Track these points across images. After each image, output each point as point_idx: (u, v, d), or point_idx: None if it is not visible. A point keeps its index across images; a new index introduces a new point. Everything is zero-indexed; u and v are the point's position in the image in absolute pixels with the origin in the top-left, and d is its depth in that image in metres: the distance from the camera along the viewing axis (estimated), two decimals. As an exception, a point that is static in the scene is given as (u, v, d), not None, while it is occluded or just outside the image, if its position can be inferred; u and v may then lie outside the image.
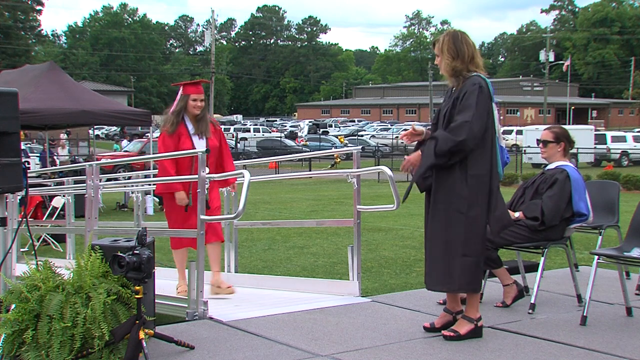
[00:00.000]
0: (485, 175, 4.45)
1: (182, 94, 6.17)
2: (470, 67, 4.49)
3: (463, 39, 4.52)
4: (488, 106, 4.44)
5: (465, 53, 4.49)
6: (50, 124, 16.80)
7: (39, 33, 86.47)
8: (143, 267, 3.97)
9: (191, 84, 6.28)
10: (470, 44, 4.52)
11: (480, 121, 4.36)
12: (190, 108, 6.13)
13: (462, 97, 4.41)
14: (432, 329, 4.68)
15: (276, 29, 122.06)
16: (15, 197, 7.70)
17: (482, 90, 4.39)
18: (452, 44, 4.51)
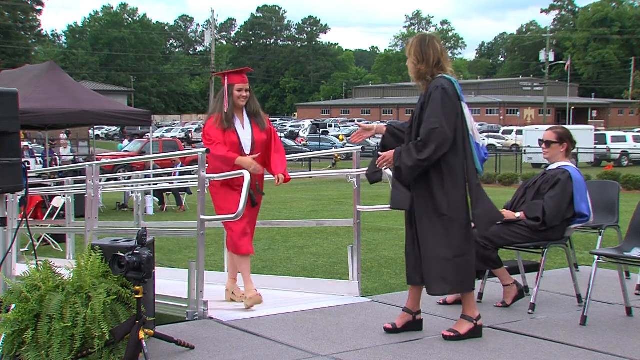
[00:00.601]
0: (460, 174, 4.46)
1: (228, 84, 5.66)
2: (435, 70, 4.52)
3: (430, 43, 4.57)
4: (455, 106, 4.44)
5: (430, 57, 4.52)
6: (50, 124, 16.82)
7: (39, 33, 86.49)
8: (143, 267, 3.97)
9: (235, 72, 5.75)
10: (437, 48, 4.56)
11: (449, 124, 4.37)
12: (235, 99, 5.64)
13: (428, 101, 4.44)
14: (394, 330, 4.69)
15: (276, 29, 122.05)
16: (15, 197, 7.70)
17: (446, 91, 4.42)
18: (419, 47, 4.56)
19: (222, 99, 5.63)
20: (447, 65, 4.57)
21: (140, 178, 10.63)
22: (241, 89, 5.63)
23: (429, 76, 4.52)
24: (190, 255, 8.75)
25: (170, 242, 10.53)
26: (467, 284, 4.50)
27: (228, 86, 5.61)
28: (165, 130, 62.10)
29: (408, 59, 4.63)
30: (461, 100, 4.50)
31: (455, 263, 4.43)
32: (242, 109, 5.67)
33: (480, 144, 4.60)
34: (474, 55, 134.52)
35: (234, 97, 5.60)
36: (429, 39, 4.60)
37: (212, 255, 8.97)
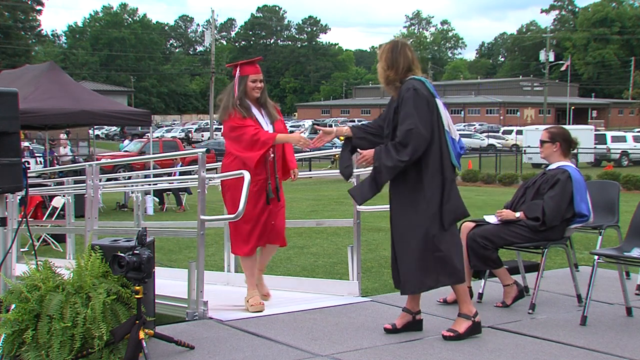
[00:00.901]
0: (437, 169, 4.48)
1: (240, 76, 5.38)
2: (403, 77, 4.56)
3: (402, 50, 4.61)
4: (429, 104, 4.46)
5: (400, 64, 4.57)
6: (50, 124, 16.83)
7: (39, 33, 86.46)
8: (143, 267, 3.97)
9: (248, 63, 5.46)
10: (407, 55, 4.60)
11: (424, 123, 4.39)
12: (250, 90, 5.37)
13: (401, 104, 4.47)
14: (394, 330, 4.69)
15: (276, 29, 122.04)
16: (15, 197, 7.70)
17: (417, 91, 4.45)
18: (390, 53, 4.61)
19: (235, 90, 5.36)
20: (417, 70, 4.62)
21: (140, 178, 10.62)
22: (255, 80, 5.38)
23: (397, 82, 4.58)
24: (190, 255, 8.75)
25: (170, 242, 10.54)
26: (454, 276, 4.49)
27: (241, 77, 5.37)
28: (165, 130, 62.11)
29: (378, 62, 4.68)
30: (435, 97, 4.53)
31: (440, 257, 4.44)
32: (256, 100, 5.43)
33: (456, 139, 4.62)
34: (474, 55, 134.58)
35: (248, 88, 5.36)
36: (401, 46, 4.65)
37: (212, 255, 8.97)
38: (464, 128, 60.26)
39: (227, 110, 5.33)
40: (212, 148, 34.15)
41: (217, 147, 37.66)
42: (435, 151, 4.47)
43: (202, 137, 53.95)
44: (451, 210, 4.51)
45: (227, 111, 5.33)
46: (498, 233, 5.24)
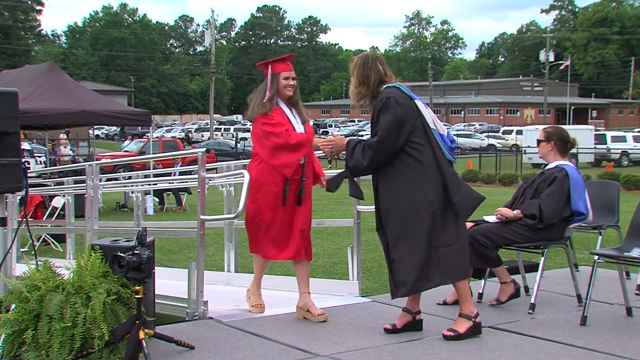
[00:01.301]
0: (431, 167, 4.47)
1: (272, 74, 5.08)
2: (376, 90, 4.58)
3: (372, 65, 4.61)
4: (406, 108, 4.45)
5: (371, 79, 4.59)
6: (50, 124, 16.83)
7: (39, 33, 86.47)
8: (143, 267, 3.97)
9: (279, 60, 5.16)
10: (379, 70, 4.59)
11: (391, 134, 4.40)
12: (282, 89, 5.06)
13: (375, 114, 4.51)
14: (394, 330, 4.68)
15: (276, 29, 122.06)
16: (15, 197, 7.70)
17: (390, 100, 4.46)
18: (361, 69, 4.64)
19: (265, 89, 5.07)
20: (390, 79, 4.62)
21: (140, 178, 10.62)
22: (288, 77, 5.07)
23: (369, 98, 4.62)
24: (190, 255, 8.75)
25: (170, 242, 10.54)
26: (465, 270, 4.50)
27: (273, 75, 5.06)
28: (165, 130, 62.11)
29: (351, 78, 4.72)
30: (413, 99, 4.52)
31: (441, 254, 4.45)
32: (287, 100, 5.11)
33: (445, 134, 4.61)
34: (474, 55, 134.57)
35: (279, 86, 5.05)
36: (372, 61, 4.64)
37: (212, 255, 8.97)
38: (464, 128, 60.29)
39: (257, 109, 5.03)
40: (212, 148, 34.19)
41: (217, 147, 37.76)
42: (428, 151, 4.47)
43: (202, 137, 53.95)
44: (463, 202, 4.49)
45: (257, 110, 5.03)
46: (498, 232, 5.24)
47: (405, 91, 4.53)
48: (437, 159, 4.49)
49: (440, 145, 4.52)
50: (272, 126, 4.95)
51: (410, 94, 4.54)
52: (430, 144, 4.49)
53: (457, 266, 4.50)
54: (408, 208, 4.48)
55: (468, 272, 4.62)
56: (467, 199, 4.52)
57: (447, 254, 4.47)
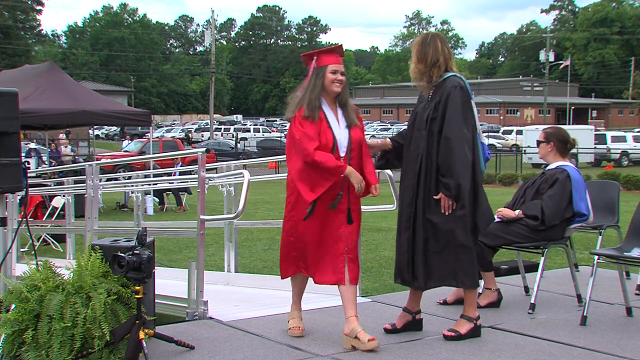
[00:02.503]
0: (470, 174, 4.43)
1: (317, 67, 4.42)
2: (434, 70, 4.47)
3: (431, 42, 4.52)
4: (470, 105, 4.45)
5: (429, 56, 4.48)
6: (50, 124, 16.83)
7: (39, 33, 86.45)
8: (143, 267, 3.97)
9: (327, 51, 4.50)
10: (437, 47, 4.48)
11: (467, 125, 4.36)
12: (329, 84, 4.39)
13: (445, 101, 4.40)
14: (394, 330, 4.68)
15: (276, 29, 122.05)
16: (15, 197, 7.70)
17: (463, 90, 4.41)
18: (420, 46, 4.53)
19: (310, 84, 4.42)
20: (451, 64, 4.52)
21: (140, 178, 10.62)
22: (336, 71, 4.41)
23: (426, 76, 4.49)
24: (190, 255, 8.75)
25: (170, 242, 10.53)
26: (475, 279, 4.51)
27: (318, 69, 4.40)
28: (165, 130, 62.11)
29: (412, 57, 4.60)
30: (471, 99, 4.49)
31: (462, 259, 4.43)
32: (334, 98, 4.47)
33: (485, 143, 4.62)
34: (474, 55, 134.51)
35: (326, 81, 4.39)
36: (430, 38, 4.54)
37: (212, 255, 8.97)
38: (464, 128, 60.14)
39: (294, 108, 4.40)
40: (212, 148, 34.17)
41: (217, 147, 37.74)
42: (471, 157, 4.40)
43: (202, 137, 53.94)
44: (484, 215, 4.51)
45: (293, 109, 4.40)
46: (498, 232, 5.24)
47: (468, 88, 4.48)
48: (474, 165, 4.42)
49: (480, 152, 4.49)
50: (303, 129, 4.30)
51: (470, 92, 4.50)
52: (473, 149, 4.42)
53: (474, 273, 4.49)
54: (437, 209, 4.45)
55: (477, 281, 4.62)
56: (488, 212, 4.55)
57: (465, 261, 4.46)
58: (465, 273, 4.43)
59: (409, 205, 4.56)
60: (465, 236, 4.40)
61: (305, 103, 4.36)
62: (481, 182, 4.52)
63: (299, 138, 4.29)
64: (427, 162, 4.46)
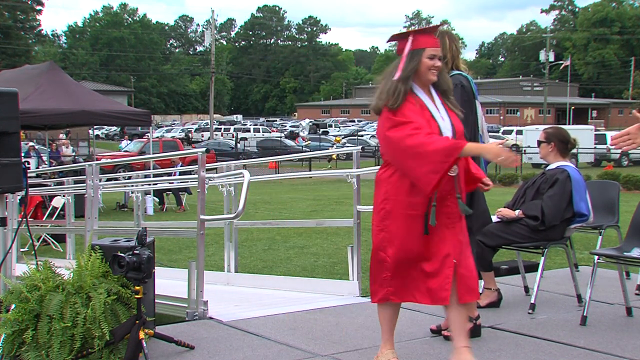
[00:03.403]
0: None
1: (411, 50, 3.76)
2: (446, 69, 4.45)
3: (439, 39, 4.43)
4: (470, 104, 4.42)
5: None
6: (50, 124, 16.82)
7: (39, 33, 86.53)
8: (143, 267, 3.97)
9: (424, 31, 3.87)
10: (445, 44, 4.44)
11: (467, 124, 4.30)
12: (424, 72, 3.77)
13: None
14: (439, 331, 4.65)
15: (276, 29, 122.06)
16: (15, 197, 7.70)
17: (464, 88, 4.38)
18: None
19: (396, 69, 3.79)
20: (459, 62, 4.50)
21: (140, 178, 10.62)
22: (434, 56, 3.79)
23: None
24: (190, 255, 8.75)
25: (170, 242, 10.53)
26: None
27: (414, 52, 3.76)
28: (165, 130, 62.12)
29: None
30: (476, 98, 4.47)
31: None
32: (429, 87, 3.85)
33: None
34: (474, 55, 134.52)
35: (422, 67, 3.76)
36: (439, 35, 4.50)
37: (212, 255, 8.97)
38: (464, 128, 60.13)
39: (385, 98, 3.76)
40: (212, 148, 34.19)
41: (217, 147, 37.75)
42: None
43: (202, 137, 53.96)
44: (480, 217, 4.47)
45: (384, 99, 3.76)
46: (498, 232, 5.24)
47: (472, 87, 4.43)
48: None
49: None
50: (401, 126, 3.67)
51: (475, 91, 4.46)
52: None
53: None
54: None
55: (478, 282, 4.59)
56: (484, 213, 4.51)
57: None
58: None
59: None
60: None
61: (395, 92, 3.73)
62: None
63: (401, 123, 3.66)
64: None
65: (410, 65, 3.76)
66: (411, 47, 3.78)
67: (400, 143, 3.64)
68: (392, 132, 3.68)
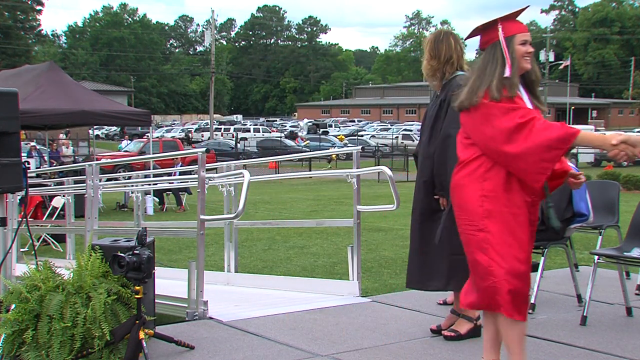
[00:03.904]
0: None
1: (505, 37, 3.49)
2: (447, 68, 4.46)
3: (444, 38, 4.49)
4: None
5: (442, 52, 4.45)
6: (50, 124, 16.82)
7: (38, 33, 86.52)
8: (143, 267, 3.97)
9: (509, 18, 3.57)
10: (450, 44, 4.45)
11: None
12: (519, 58, 3.49)
13: (449, 99, 4.34)
14: (439, 331, 4.65)
15: (276, 29, 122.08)
16: (15, 197, 7.70)
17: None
18: (433, 43, 4.50)
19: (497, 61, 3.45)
20: (464, 63, 4.50)
21: (140, 178, 10.63)
22: (526, 42, 3.56)
23: (439, 73, 4.48)
24: (190, 255, 8.75)
25: (170, 242, 10.53)
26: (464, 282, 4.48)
27: (507, 40, 3.49)
28: (165, 130, 62.12)
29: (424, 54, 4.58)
30: None
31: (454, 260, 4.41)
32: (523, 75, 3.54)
33: None
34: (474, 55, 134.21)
35: (516, 55, 3.49)
36: (444, 35, 4.52)
37: (212, 255, 8.97)
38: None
39: (480, 91, 3.40)
40: (212, 148, 34.19)
41: (217, 147, 37.74)
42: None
43: (202, 137, 53.97)
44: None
45: (479, 92, 3.40)
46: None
47: None
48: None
49: None
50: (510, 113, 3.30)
51: None
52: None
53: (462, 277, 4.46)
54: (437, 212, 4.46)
55: None
56: None
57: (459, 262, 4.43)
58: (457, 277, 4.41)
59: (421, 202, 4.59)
60: (451, 237, 4.35)
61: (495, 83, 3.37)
62: None
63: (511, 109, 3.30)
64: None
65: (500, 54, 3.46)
66: (505, 34, 3.50)
67: (508, 133, 3.26)
68: (500, 122, 3.29)
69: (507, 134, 3.26)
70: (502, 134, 3.28)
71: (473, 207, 3.41)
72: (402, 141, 44.71)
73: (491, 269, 3.37)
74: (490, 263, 3.37)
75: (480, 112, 3.39)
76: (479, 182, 3.39)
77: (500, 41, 3.47)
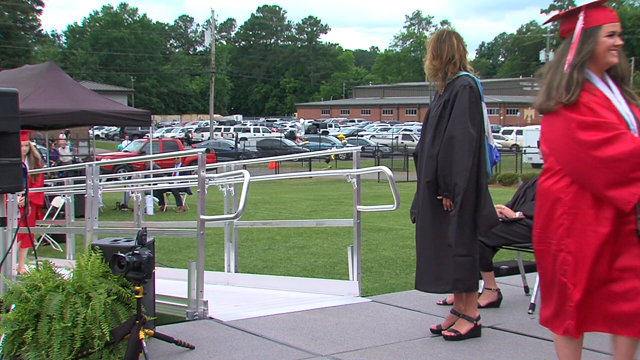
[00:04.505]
0: (473, 176, 4.38)
1: (584, 29, 3.13)
2: (450, 67, 4.44)
3: (447, 38, 4.48)
4: (479, 106, 4.43)
5: (444, 52, 4.44)
6: (50, 124, 16.81)
7: (38, 33, 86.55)
8: (143, 267, 3.97)
9: (597, 5, 3.19)
10: (453, 44, 4.45)
11: (473, 124, 4.34)
12: (602, 52, 3.16)
13: (454, 99, 4.39)
14: (439, 331, 4.65)
15: (276, 29, 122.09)
16: (15, 197, 7.69)
17: (473, 90, 4.38)
18: (435, 43, 4.49)
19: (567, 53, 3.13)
20: (466, 63, 4.50)
21: (140, 178, 10.63)
22: (613, 33, 3.20)
23: (442, 73, 4.47)
24: (190, 255, 8.75)
25: (170, 242, 10.53)
26: (469, 284, 4.48)
27: (588, 30, 3.14)
28: (165, 130, 62.14)
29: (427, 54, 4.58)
30: (482, 100, 4.47)
31: (459, 261, 4.40)
32: (603, 72, 3.22)
33: (493, 146, 4.58)
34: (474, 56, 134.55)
35: (599, 48, 3.15)
36: (446, 35, 4.51)
37: (212, 255, 8.97)
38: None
39: (555, 95, 3.09)
40: (212, 148, 34.19)
41: (217, 147, 37.74)
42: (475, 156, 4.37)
43: (202, 137, 53.97)
44: (487, 217, 4.47)
45: (554, 96, 3.10)
46: (499, 232, 5.24)
47: (479, 88, 4.45)
48: (479, 167, 4.39)
49: (487, 155, 4.45)
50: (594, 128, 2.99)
51: (481, 92, 4.47)
52: (479, 152, 4.38)
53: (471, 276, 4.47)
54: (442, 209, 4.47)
55: (478, 283, 4.60)
56: (491, 215, 4.52)
57: (462, 263, 4.43)
58: (459, 277, 4.40)
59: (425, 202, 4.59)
60: (457, 238, 4.36)
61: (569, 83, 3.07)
62: (486, 184, 4.47)
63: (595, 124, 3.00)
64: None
65: (585, 48, 3.11)
66: (583, 25, 3.12)
67: (593, 151, 2.95)
68: (585, 135, 2.98)
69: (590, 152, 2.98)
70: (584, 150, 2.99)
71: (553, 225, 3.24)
72: (402, 141, 44.74)
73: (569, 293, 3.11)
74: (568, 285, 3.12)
75: (560, 118, 3.08)
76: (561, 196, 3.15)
77: (576, 31, 3.11)
